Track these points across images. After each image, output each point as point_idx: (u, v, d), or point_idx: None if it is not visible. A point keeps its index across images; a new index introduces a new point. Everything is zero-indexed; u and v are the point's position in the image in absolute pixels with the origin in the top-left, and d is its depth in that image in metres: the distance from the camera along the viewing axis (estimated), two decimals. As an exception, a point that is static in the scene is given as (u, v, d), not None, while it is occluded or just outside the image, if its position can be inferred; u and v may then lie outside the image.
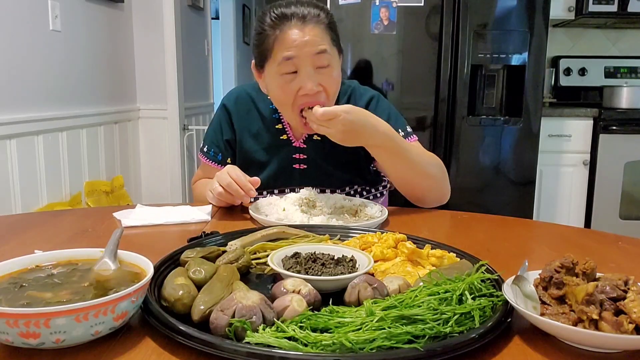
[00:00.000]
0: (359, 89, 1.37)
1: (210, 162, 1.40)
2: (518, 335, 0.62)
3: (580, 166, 2.87)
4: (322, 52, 1.15)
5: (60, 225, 1.13)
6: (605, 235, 1.09)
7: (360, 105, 1.30)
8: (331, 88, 1.20)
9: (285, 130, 1.34)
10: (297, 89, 1.17)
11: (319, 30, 1.16)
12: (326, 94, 1.19)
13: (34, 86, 2.26)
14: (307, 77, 1.15)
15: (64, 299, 0.60)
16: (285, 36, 1.15)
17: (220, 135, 1.38)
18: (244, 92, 1.38)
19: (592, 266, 0.64)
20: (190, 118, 3.58)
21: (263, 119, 1.35)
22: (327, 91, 1.19)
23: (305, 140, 1.33)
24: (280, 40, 1.15)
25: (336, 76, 1.21)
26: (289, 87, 1.17)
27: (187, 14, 3.52)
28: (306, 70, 1.15)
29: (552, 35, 3.30)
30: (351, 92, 1.35)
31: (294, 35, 1.14)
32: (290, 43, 1.14)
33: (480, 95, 2.57)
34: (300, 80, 1.16)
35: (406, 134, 1.31)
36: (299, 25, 1.15)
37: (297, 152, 1.34)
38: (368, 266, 0.74)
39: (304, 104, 1.18)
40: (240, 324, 0.56)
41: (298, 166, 1.34)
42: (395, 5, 2.43)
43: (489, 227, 1.14)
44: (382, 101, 1.35)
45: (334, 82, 1.20)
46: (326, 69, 1.18)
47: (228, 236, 0.91)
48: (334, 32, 1.20)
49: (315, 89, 1.16)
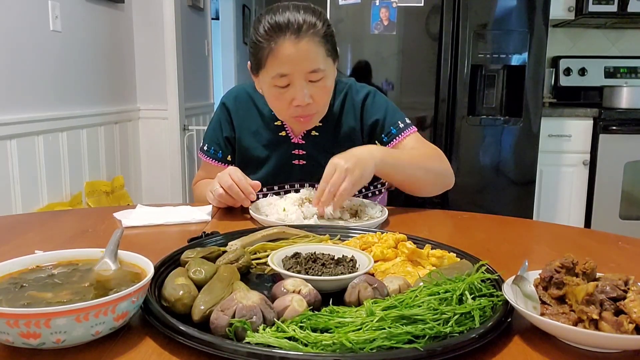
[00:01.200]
0: (355, 86, 1.38)
1: (211, 160, 1.41)
2: (518, 335, 0.62)
3: (580, 166, 2.87)
4: (315, 70, 1.16)
5: (60, 225, 1.13)
6: (605, 235, 1.09)
7: (357, 100, 1.34)
8: (322, 100, 1.23)
9: (284, 127, 1.35)
10: (290, 99, 1.19)
11: (313, 44, 1.14)
12: (317, 105, 1.22)
13: (35, 86, 2.26)
14: (300, 90, 1.17)
15: (64, 299, 0.60)
16: (279, 51, 1.13)
17: (220, 132, 1.39)
18: (243, 91, 1.40)
19: (592, 266, 0.64)
20: (190, 118, 3.58)
21: (262, 117, 1.36)
22: (318, 103, 1.22)
23: (304, 136, 1.35)
24: (275, 55, 1.14)
25: (329, 86, 1.23)
26: (282, 98, 1.20)
27: (187, 14, 3.52)
28: (299, 83, 1.17)
29: (552, 35, 3.30)
30: (347, 89, 1.36)
31: (287, 51, 1.13)
32: (284, 60, 1.14)
33: (480, 95, 2.58)
34: (293, 92, 1.18)
35: (405, 126, 1.33)
36: (293, 39, 1.13)
37: (296, 148, 1.35)
38: (368, 266, 0.74)
39: (298, 115, 1.22)
40: (241, 324, 0.56)
41: (297, 162, 1.36)
42: (395, 6, 2.43)
43: (489, 227, 1.14)
44: (378, 96, 1.37)
45: (325, 93, 1.23)
46: (319, 82, 1.19)
47: (228, 236, 0.91)
48: (329, 42, 1.19)
49: (307, 101, 1.18)
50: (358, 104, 1.34)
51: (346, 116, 1.35)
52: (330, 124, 1.34)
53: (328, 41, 1.18)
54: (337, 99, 1.35)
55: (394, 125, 1.32)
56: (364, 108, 1.34)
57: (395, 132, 1.32)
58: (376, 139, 1.35)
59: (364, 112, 1.34)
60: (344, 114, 1.35)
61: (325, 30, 1.17)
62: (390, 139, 1.32)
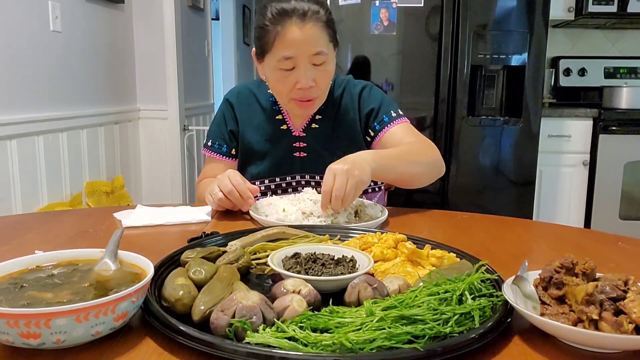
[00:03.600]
0: (353, 81, 1.45)
1: (216, 154, 1.44)
2: (518, 335, 0.62)
3: (580, 166, 2.87)
4: (319, 53, 1.22)
5: (60, 225, 1.13)
6: (605, 235, 1.09)
7: (354, 93, 1.41)
8: (324, 83, 1.28)
9: (285, 120, 1.40)
10: (293, 82, 1.24)
11: (317, 29, 1.21)
12: (319, 88, 1.27)
13: (35, 87, 2.26)
14: (304, 73, 1.22)
15: (64, 300, 0.60)
16: (286, 34, 1.20)
17: (225, 127, 1.43)
18: (245, 88, 1.45)
19: (592, 266, 0.64)
20: (190, 118, 3.58)
21: (264, 111, 1.41)
22: (320, 86, 1.27)
23: (305, 128, 1.39)
24: (281, 37, 1.20)
25: (330, 70, 1.28)
26: (287, 80, 1.25)
27: (188, 15, 3.52)
28: (304, 66, 1.22)
29: (552, 36, 3.30)
30: (346, 83, 1.43)
31: (294, 34, 1.19)
32: (290, 42, 1.20)
33: (480, 96, 2.58)
34: (297, 75, 1.23)
35: (398, 115, 1.38)
36: (298, 23, 1.19)
37: (297, 140, 1.39)
38: (368, 266, 0.74)
39: (300, 98, 1.27)
40: (241, 324, 0.56)
41: (298, 154, 1.39)
42: (395, 6, 2.43)
43: (489, 227, 1.14)
44: (374, 89, 1.43)
45: (327, 77, 1.28)
46: (321, 66, 1.24)
47: (228, 236, 0.91)
48: (331, 28, 1.26)
49: (310, 84, 1.24)
50: (356, 96, 1.40)
51: (345, 108, 1.39)
52: (330, 116, 1.39)
53: (330, 27, 1.25)
54: (337, 92, 1.40)
55: (386, 114, 1.37)
56: (361, 99, 1.40)
57: (387, 120, 1.37)
58: (369, 127, 1.39)
59: (361, 103, 1.40)
60: (343, 106, 1.40)
61: (328, 16, 1.24)
62: (382, 126, 1.37)
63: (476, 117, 2.54)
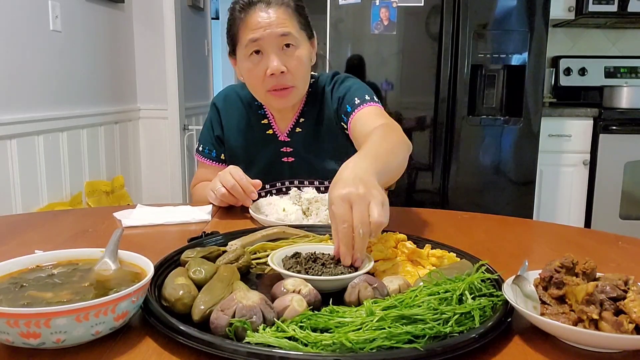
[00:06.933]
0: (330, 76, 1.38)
1: (206, 159, 1.44)
2: (518, 335, 0.62)
3: (580, 166, 2.87)
4: (285, 34, 1.19)
5: (60, 225, 1.13)
6: (605, 235, 1.09)
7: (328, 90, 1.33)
8: (298, 70, 1.22)
9: (270, 124, 1.37)
10: (264, 69, 1.20)
11: (283, 11, 1.19)
12: (292, 76, 1.22)
13: (35, 86, 2.26)
14: (272, 57, 1.19)
15: (64, 299, 0.60)
16: (251, 19, 1.19)
17: (212, 132, 1.41)
18: (232, 91, 1.42)
19: (592, 266, 0.64)
20: (190, 118, 3.58)
21: (249, 116, 1.38)
22: (292, 73, 1.21)
23: (289, 133, 1.36)
24: (246, 23, 1.20)
25: (303, 58, 1.23)
26: (257, 69, 1.21)
27: (187, 14, 3.52)
28: (271, 50, 1.19)
29: (552, 35, 3.30)
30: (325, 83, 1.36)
31: (258, 17, 1.19)
32: (255, 25, 1.19)
33: (480, 95, 2.57)
34: (267, 61, 1.20)
35: (371, 99, 1.27)
36: (263, 7, 1.19)
37: (283, 145, 1.37)
38: (368, 266, 0.74)
39: (273, 86, 1.21)
40: (241, 324, 0.56)
41: (286, 159, 1.37)
42: (395, 6, 2.43)
43: (489, 227, 1.14)
44: (347, 80, 1.35)
45: (300, 64, 1.22)
46: (291, 50, 1.21)
47: (228, 236, 0.91)
48: (301, 16, 1.24)
49: (281, 68, 1.19)
50: (329, 92, 1.35)
51: (324, 106, 1.35)
52: (312, 117, 1.36)
53: (300, 14, 1.23)
54: (317, 93, 1.36)
55: (359, 97, 1.28)
56: (333, 93, 1.34)
57: (359, 102, 1.27)
58: (342, 121, 1.31)
59: (333, 97, 1.34)
60: (322, 104, 1.35)
61: (297, 3, 1.23)
62: (354, 108, 1.26)
63: (476, 116, 2.54)
